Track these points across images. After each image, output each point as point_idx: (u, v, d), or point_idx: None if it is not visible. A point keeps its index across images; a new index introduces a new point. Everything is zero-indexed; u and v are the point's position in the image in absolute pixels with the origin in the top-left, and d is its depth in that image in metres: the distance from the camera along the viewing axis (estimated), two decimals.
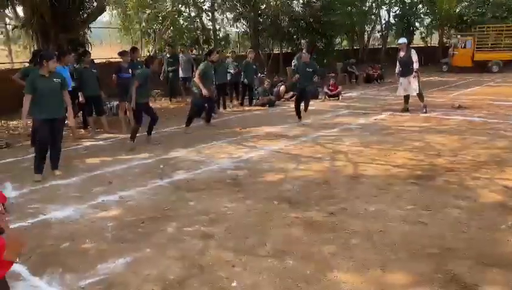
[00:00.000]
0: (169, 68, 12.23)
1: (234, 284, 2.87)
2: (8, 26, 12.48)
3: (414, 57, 9.36)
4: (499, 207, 4.05)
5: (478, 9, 26.27)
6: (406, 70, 9.45)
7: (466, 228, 3.61)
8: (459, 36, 23.29)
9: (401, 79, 9.64)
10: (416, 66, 9.36)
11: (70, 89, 7.67)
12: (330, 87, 12.66)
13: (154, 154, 6.48)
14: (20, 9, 11.28)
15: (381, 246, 3.32)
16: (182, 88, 12.35)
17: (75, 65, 8.38)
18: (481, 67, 20.69)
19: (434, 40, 31.49)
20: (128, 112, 8.66)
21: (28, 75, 6.74)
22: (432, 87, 14.46)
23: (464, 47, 21.81)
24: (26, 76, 6.89)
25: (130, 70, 8.42)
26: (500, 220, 3.74)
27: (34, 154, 5.48)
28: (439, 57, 23.90)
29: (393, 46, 25.27)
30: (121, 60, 8.74)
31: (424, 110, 9.47)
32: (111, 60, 13.41)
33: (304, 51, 9.06)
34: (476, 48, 21.39)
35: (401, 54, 9.57)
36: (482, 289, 2.72)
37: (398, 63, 9.70)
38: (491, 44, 21.47)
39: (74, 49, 9.50)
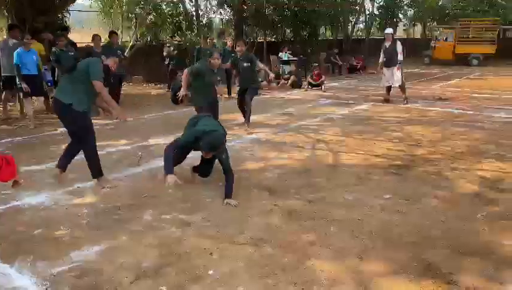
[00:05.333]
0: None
1: (211, 272, 2.83)
2: None
3: (399, 48, 9.32)
4: (475, 197, 4.10)
5: (460, 3, 26.59)
6: (391, 61, 9.40)
7: (443, 217, 3.65)
8: (440, 29, 23.53)
9: (385, 70, 9.62)
10: (400, 57, 9.34)
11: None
12: (314, 77, 12.61)
13: (132, 141, 6.36)
14: None
15: (359, 235, 3.32)
16: None
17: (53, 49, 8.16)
18: (462, 61, 20.96)
19: (417, 32, 31.79)
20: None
21: None
22: (414, 79, 14.60)
23: (446, 40, 22.05)
24: None
25: (103, 55, 8.20)
26: (476, 210, 3.78)
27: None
28: (421, 49, 24.12)
29: (377, 37, 25.39)
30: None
31: (405, 102, 9.53)
32: (91, 44, 13.04)
33: None
34: (457, 41, 21.63)
35: (387, 44, 9.51)
36: (456, 277, 2.74)
37: (382, 53, 9.64)
38: (472, 38, 21.70)
39: (51, 32, 9.17)
